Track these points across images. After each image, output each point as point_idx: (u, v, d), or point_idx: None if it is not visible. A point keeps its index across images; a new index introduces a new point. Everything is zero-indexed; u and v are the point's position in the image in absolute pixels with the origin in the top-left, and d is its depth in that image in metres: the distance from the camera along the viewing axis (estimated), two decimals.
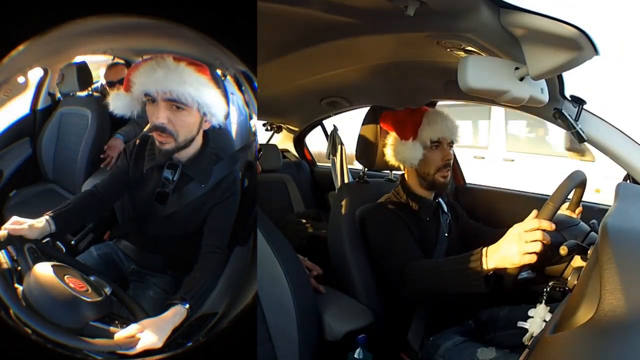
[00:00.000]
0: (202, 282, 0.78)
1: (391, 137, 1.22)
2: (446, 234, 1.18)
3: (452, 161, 1.17)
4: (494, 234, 1.23)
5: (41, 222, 0.77)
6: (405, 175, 1.22)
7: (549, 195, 0.86)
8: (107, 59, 1.22)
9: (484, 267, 0.82)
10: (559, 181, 0.84)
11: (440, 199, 1.21)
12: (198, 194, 0.86)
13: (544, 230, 0.77)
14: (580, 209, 1.06)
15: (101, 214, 1.02)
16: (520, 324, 0.77)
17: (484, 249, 0.83)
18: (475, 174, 1.95)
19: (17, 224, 0.73)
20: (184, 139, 0.79)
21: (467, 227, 1.27)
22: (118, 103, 0.79)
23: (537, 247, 0.76)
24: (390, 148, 1.21)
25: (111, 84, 1.27)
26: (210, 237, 0.84)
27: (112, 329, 0.65)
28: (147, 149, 0.87)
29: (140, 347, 0.63)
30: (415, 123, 1.17)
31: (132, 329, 0.65)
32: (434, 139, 1.15)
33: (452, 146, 1.18)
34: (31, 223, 0.74)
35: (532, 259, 0.76)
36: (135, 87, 0.75)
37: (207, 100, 0.75)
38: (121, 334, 0.64)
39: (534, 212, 0.81)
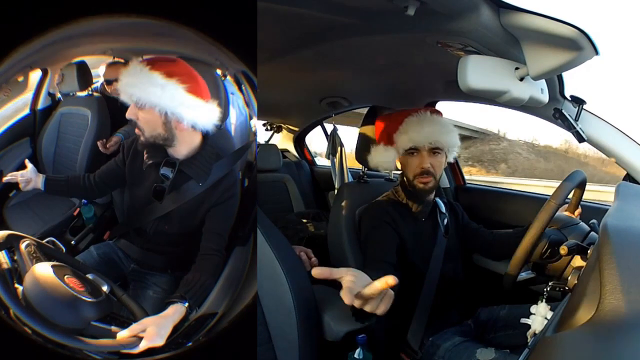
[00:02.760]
0: (200, 282, 0.78)
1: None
2: (444, 235, 1.18)
3: (430, 168, 1.11)
4: (494, 235, 1.23)
5: (38, 177, 0.88)
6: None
7: (549, 196, 0.87)
8: (107, 59, 1.22)
9: None
10: None
11: (437, 199, 1.21)
12: (196, 192, 0.86)
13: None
14: (579, 210, 1.06)
15: (91, 197, 1.07)
16: (524, 320, 0.77)
17: None
18: None
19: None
20: (150, 135, 0.82)
21: (468, 228, 1.27)
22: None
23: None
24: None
25: (109, 82, 1.28)
26: (208, 239, 0.85)
27: (113, 328, 0.65)
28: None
29: (143, 345, 0.63)
30: (392, 128, 1.17)
31: (134, 327, 0.65)
32: (407, 147, 1.13)
33: (438, 152, 1.13)
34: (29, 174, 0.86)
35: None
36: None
37: (167, 102, 0.79)
38: (124, 333, 0.64)
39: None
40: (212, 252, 0.84)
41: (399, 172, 1.27)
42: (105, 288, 0.72)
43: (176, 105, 0.79)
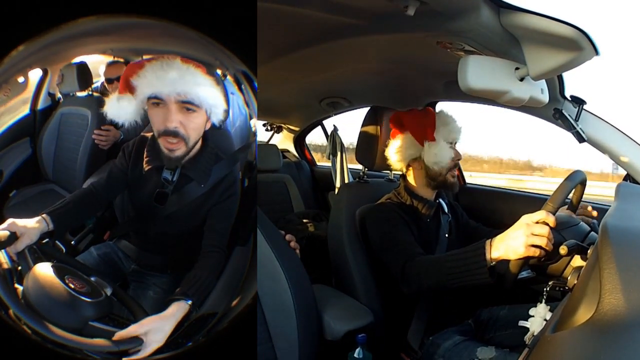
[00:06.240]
0: (202, 280, 0.78)
1: (403, 139, 1.19)
2: (446, 235, 1.18)
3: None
4: (494, 234, 1.23)
5: (38, 222, 0.75)
6: (408, 176, 1.21)
7: (549, 196, 0.87)
8: (107, 59, 1.22)
9: (488, 256, 0.81)
10: None
11: (441, 200, 1.21)
12: (198, 194, 0.86)
13: (550, 228, 0.76)
14: (590, 209, 1.04)
15: (98, 212, 1.01)
16: (522, 323, 0.77)
17: (488, 240, 0.83)
18: None
19: (13, 227, 0.71)
20: (194, 142, 0.78)
21: (467, 227, 1.27)
22: (117, 110, 0.78)
23: (543, 241, 0.75)
24: (400, 150, 1.19)
25: (110, 81, 1.27)
26: (210, 237, 0.84)
27: (111, 328, 0.65)
28: (146, 149, 0.87)
29: (145, 347, 0.63)
30: (432, 124, 1.16)
31: (132, 329, 0.65)
32: (449, 140, 1.15)
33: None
34: (27, 224, 0.73)
35: (536, 252, 0.76)
36: (141, 89, 0.73)
37: (213, 101, 0.75)
38: (124, 333, 0.64)
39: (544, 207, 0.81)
40: (214, 250, 0.83)
41: (400, 173, 1.27)
42: (107, 290, 0.71)
43: (216, 105, 0.76)
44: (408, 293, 0.99)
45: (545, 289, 0.78)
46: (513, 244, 0.78)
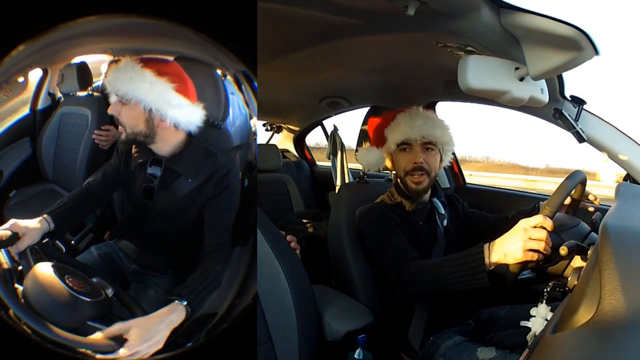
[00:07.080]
0: (202, 279, 0.78)
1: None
2: (443, 235, 1.17)
3: (424, 164, 1.09)
4: (500, 220, 1.21)
5: (40, 222, 0.79)
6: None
7: (549, 195, 0.86)
8: (107, 59, 1.22)
9: (487, 260, 0.81)
10: None
11: (435, 200, 1.19)
12: (187, 189, 0.86)
13: (547, 232, 0.76)
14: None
15: (97, 211, 1.05)
16: (523, 322, 0.77)
17: (487, 244, 0.83)
18: None
19: (15, 227, 0.73)
20: (132, 131, 0.84)
21: (470, 217, 1.26)
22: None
23: (541, 245, 0.75)
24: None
25: None
26: (211, 234, 0.84)
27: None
28: (135, 146, 0.88)
29: (123, 352, 0.62)
30: (384, 125, 1.16)
31: (114, 328, 0.64)
32: (398, 142, 1.11)
33: (431, 149, 1.11)
34: (29, 225, 0.76)
35: (534, 256, 0.76)
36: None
37: (153, 99, 0.80)
38: (109, 330, 0.63)
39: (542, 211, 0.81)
40: (215, 247, 0.83)
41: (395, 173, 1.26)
42: (109, 291, 0.71)
43: (162, 102, 0.80)
44: (404, 298, 0.99)
45: (545, 290, 0.78)
46: (511, 248, 0.78)
